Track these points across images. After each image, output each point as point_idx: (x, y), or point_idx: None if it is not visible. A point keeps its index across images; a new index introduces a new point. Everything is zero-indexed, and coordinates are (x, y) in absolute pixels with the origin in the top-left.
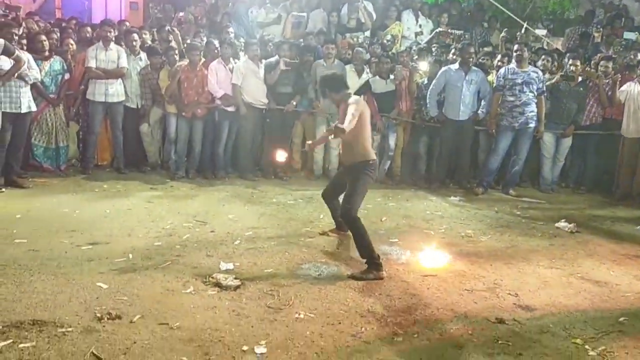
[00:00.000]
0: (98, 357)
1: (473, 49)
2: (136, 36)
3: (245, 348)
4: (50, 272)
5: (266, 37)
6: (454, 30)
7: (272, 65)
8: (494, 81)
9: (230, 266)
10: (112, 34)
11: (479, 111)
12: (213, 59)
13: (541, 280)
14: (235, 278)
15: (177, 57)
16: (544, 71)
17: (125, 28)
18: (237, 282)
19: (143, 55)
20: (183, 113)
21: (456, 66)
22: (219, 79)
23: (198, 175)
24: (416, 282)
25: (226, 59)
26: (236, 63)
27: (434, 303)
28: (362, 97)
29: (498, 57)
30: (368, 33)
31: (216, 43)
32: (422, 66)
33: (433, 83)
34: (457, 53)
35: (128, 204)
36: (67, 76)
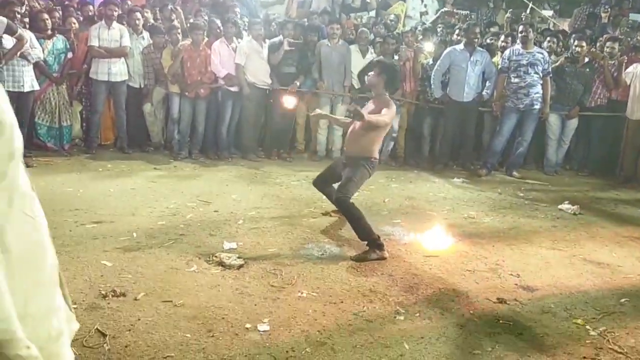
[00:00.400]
0: (102, 334)
1: (479, 29)
2: (139, 15)
3: (248, 326)
4: (54, 250)
5: (270, 17)
6: (460, 10)
7: (276, 45)
8: (499, 62)
9: (233, 245)
10: (116, 13)
11: (484, 92)
12: (216, 39)
13: (543, 261)
14: (238, 257)
15: (180, 37)
16: (550, 52)
17: (127, 7)
18: (240, 261)
19: (146, 34)
20: (186, 93)
21: (461, 47)
22: (222, 59)
23: (201, 155)
24: (418, 263)
25: (229, 39)
26: (239, 43)
27: (436, 283)
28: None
29: (502, 38)
30: (373, 13)
31: (218, 22)
32: (427, 47)
33: (437, 64)
34: (462, 33)
35: (132, 184)
36: (70, 55)
